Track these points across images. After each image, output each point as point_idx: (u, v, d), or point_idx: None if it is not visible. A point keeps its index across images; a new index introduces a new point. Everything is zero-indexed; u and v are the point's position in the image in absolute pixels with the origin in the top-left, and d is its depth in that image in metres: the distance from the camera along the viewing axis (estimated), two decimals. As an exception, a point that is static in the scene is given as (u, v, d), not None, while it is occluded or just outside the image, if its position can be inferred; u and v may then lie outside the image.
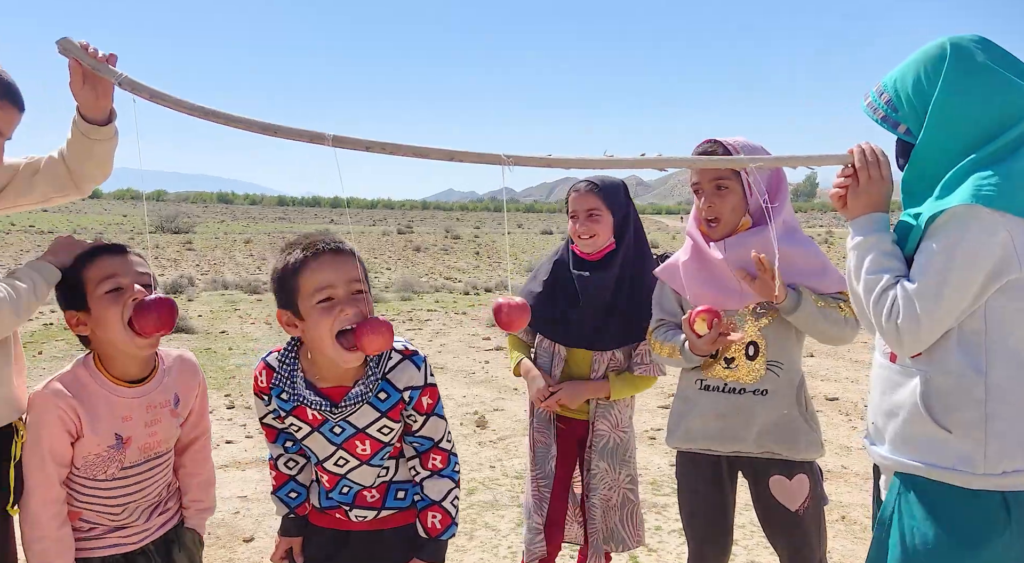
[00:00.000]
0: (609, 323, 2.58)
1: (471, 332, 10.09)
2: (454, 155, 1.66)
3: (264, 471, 4.77)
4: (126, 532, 1.92)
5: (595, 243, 2.62)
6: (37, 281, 1.79)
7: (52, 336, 9.09)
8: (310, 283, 1.74)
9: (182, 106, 1.63)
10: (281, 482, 2.03)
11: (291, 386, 1.85)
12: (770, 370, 2.23)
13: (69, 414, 1.79)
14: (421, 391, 1.87)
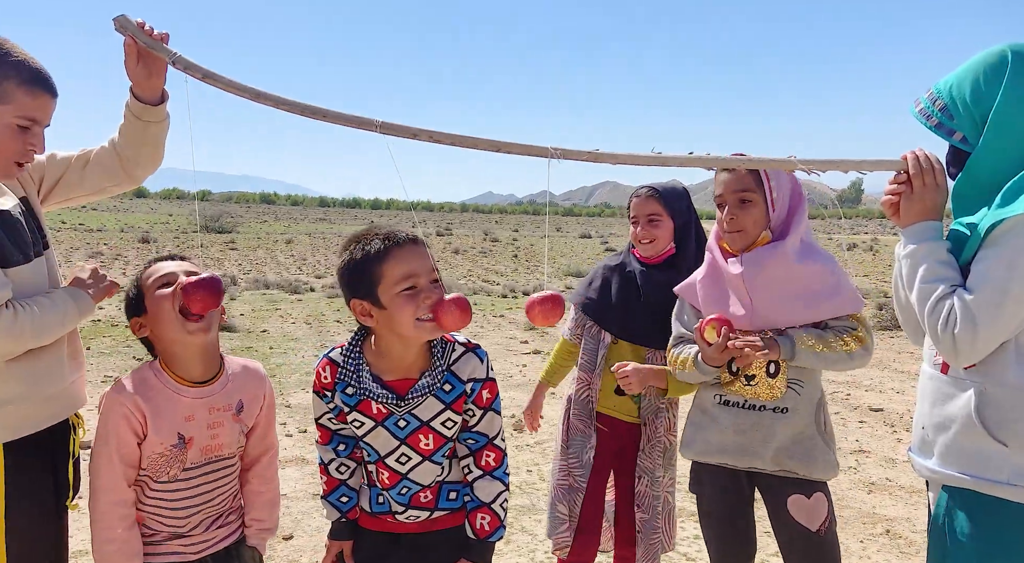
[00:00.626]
0: (668, 321, 2.52)
1: (509, 335, 10.07)
2: (500, 146, 1.64)
3: (303, 469, 4.81)
4: (186, 541, 1.92)
5: (655, 247, 2.65)
6: (68, 308, 1.81)
7: (100, 333, 9.30)
8: (395, 272, 1.77)
9: (233, 87, 1.64)
10: (332, 487, 2.04)
11: (357, 380, 1.87)
12: (790, 388, 2.21)
13: (135, 413, 1.82)
14: (483, 384, 1.90)
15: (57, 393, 1.85)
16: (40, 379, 1.81)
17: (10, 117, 1.70)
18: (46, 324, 1.74)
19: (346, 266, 1.83)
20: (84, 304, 1.87)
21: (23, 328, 1.69)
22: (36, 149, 1.78)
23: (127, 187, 2.07)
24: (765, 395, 2.22)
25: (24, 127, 1.73)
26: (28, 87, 1.71)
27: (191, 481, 1.90)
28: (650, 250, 2.66)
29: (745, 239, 2.24)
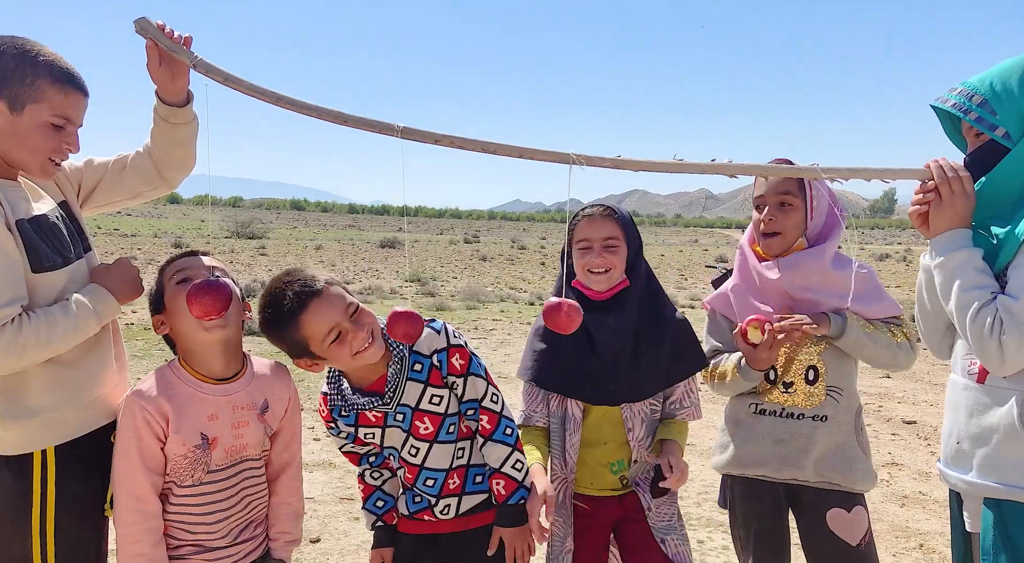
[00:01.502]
0: (639, 369, 2.16)
1: (535, 342, 10.05)
2: (523, 152, 1.65)
3: (330, 473, 4.85)
4: (211, 555, 1.87)
5: (610, 278, 2.16)
6: (82, 314, 1.77)
7: (133, 336, 9.45)
8: (315, 331, 1.82)
9: (255, 91, 1.65)
10: (368, 493, 2.13)
11: (343, 399, 1.97)
12: (830, 395, 2.16)
13: (155, 417, 1.79)
14: (448, 352, 1.95)
15: (102, 397, 1.88)
16: (84, 384, 1.83)
17: (45, 115, 1.73)
18: (55, 334, 1.70)
19: (269, 335, 1.89)
20: (104, 306, 1.81)
21: (26, 343, 1.65)
22: (71, 148, 1.81)
23: (163, 191, 2.09)
24: (804, 403, 2.16)
25: (58, 126, 1.76)
26: (60, 86, 1.73)
27: (217, 484, 1.86)
28: (604, 283, 2.16)
29: (782, 243, 2.18)
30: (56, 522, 1.75)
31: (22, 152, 1.74)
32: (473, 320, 12.14)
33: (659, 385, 2.20)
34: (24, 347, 1.65)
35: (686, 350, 2.20)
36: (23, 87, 1.69)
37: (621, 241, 2.17)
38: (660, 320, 2.21)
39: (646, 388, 2.17)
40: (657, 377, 2.19)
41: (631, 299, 2.18)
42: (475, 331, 10.91)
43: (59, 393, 1.78)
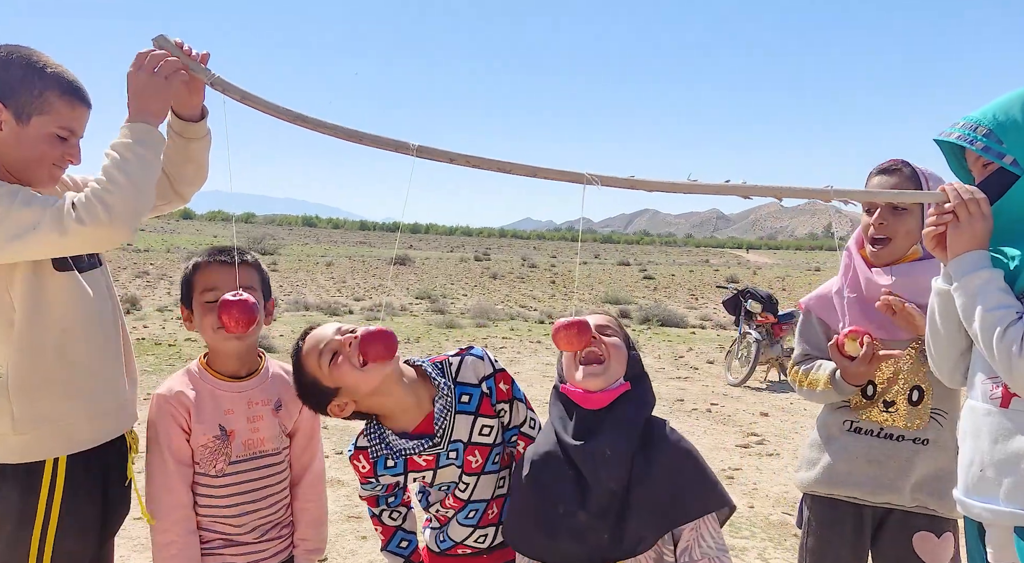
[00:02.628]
0: (629, 514, 1.66)
1: (545, 361, 10.04)
2: (537, 171, 1.65)
3: (338, 490, 4.83)
4: (237, 550, 1.95)
5: (607, 373, 1.72)
6: (136, 151, 1.68)
7: (144, 351, 9.49)
8: (311, 361, 1.77)
9: (271, 109, 1.66)
10: (389, 535, 1.99)
11: (388, 448, 1.85)
12: (934, 418, 2.02)
13: (179, 410, 1.90)
14: (495, 377, 1.90)
15: (114, 408, 1.89)
16: (98, 393, 1.84)
17: (51, 127, 1.74)
18: (129, 174, 1.64)
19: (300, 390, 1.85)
20: (147, 135, 1.72)
21: (102, 208, 1.61)
22: (73, 160, 1.82)
23: (177, 205, 2.10)
24: (906, 424, 2.02)
25: (62, 137, 1.77)
26: (68, 99, 1.75)
27: (239, 476, 1.94)
28: (600, 379, 1.71)
29: (892, 252, 2.03)
30: (55, 545, 1.74)
31: (25, 161, 1.75)
32: (483, 338, 12.13)
33: (658, 531, 1.66)
34: (108, 206, 1.61)
35: (690, 485, 1.67)
36: (31, 98, 1.71)
37: (617, 333, 1.81)
38: (654, 441, 1.70)
39: (640, 540, 1.65)
40: (654, 523, 1.65)
41: (632, 410, 1.72)
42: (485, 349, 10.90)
43: (74, 400, 1.78)
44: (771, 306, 9.38)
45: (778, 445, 6.23)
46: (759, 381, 9.15)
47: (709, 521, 1.67)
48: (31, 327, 1.73)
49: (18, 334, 1.72)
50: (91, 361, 1.83)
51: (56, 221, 1.60)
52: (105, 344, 1.88)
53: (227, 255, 1.98)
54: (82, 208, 1.61)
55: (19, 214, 1.61)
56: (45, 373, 1.74)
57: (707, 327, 15.37)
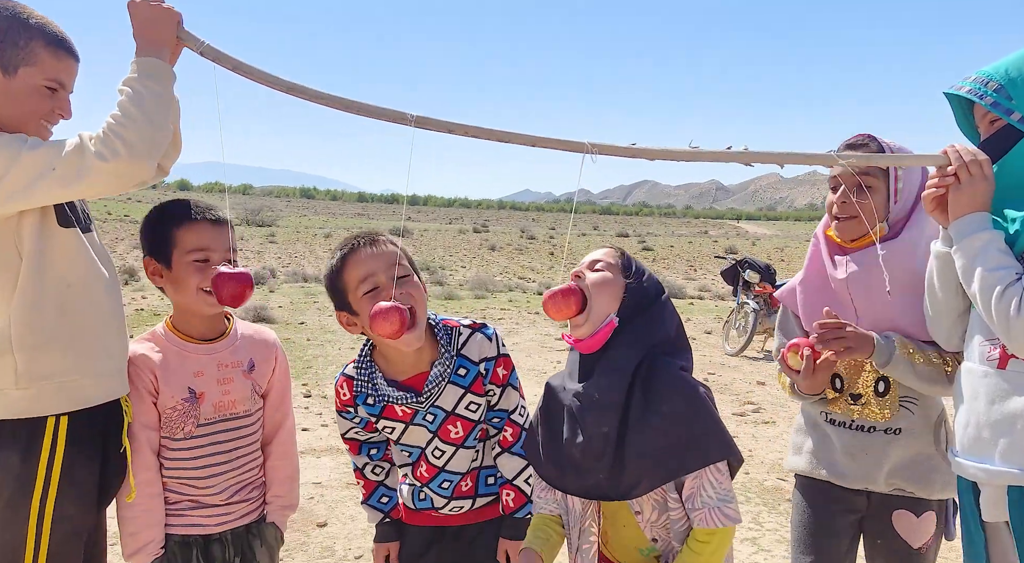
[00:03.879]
0: (625, 458, 1.63)
1: (544, 332, 10.07)
2: (536, 141, 1.63)
3: (337, 458, 4.87)
4: (206, 512, 1.95)
5: (590, 320, 1.67)
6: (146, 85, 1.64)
7: (143, 322, 9.51)
8: (354, 277, 1.81)
9: (265, 79, 1.63)
10: (370, 490, 2.06)
11: (374, 388, 1.90)
12: (904, 407, 1.99)
13: (145, 374, 1.88)
14: (495, 362, 1.91)
15: (112, 370, 1.88)
16: (99, 353, 1.83)
17: (38, 79, 1.71)
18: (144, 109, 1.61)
19: (325, 283, 1.91)
20: (157, 69, 1.67)
21: (121, 143, 1.58)
22: (64, 114, 1.80)
23: (158, 178, 2.01)
24: (875, 416, 2.00)
25: (51, 89, 1.75)
26: (53, 50, 1.72)
27: (208, 437, 1.93)
28: (581, 327, 1.68)
29: (857, 228, 1.97)
30: (56, 510, 1.74)
31: (15, 115, 1.72)
32: (481, 309, 12.16)
33: (654, 480, 1.63)
34: (126, 141, 1.59)
35: (690, 436, 1.62)
36: (16, 50, 1.68)
37: (613, 268, 1.72)
38: (656, 394, 1.64)
39: (635, 485, 1.63)
40: (650, 470, 1.63)
41: (622, 356, 1.66)
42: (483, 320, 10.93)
43: (75, 358, 1.78)
44: (769, 276, 9.39)
45: (774, 413, 6.28)
46: (756, 351, 9.20)
47: (712, 471, 1.62)
48: (36, 281, 1.72)
49: (22, 288, 1.71)
50: (92, 320, 1.83)
51: (75, 160, 1.58)
52: (104, 305, 1.87)
53: (211, 213, 1.95)
54: (100, 144, 1.58)
55: (31, 157, 1.59)
56: (48, 329, 1.74)
57: (705, 298, 15.40)
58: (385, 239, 1.86)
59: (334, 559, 3.54)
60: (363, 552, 3.58)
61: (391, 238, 1.86)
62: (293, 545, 3.64)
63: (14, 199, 1.63)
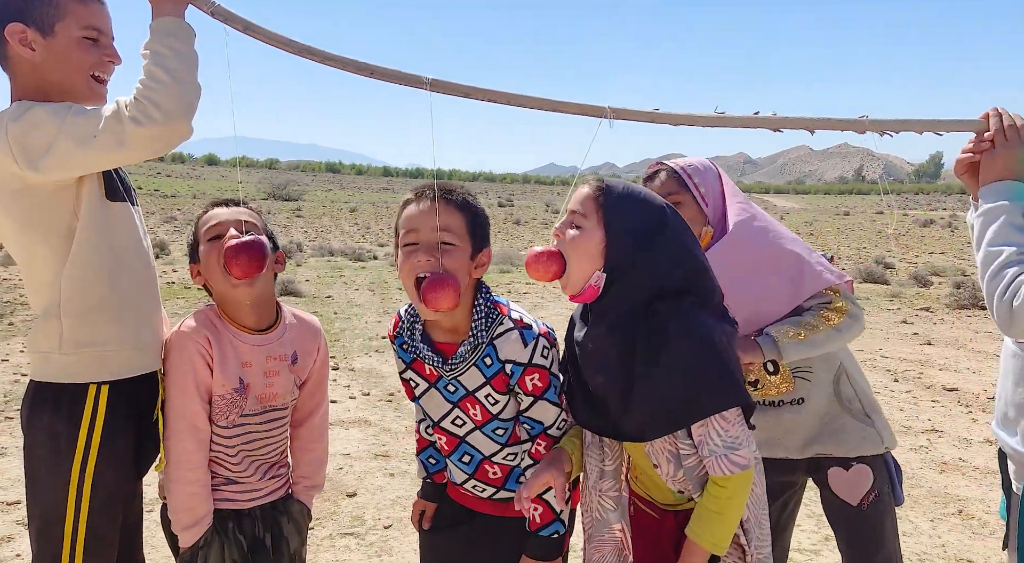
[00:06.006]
0: (632, 405, 1.63)
1: (568, 306, 10.04)
2: (556, 105, 1.61)
3: (366, 430, 4.93)
4: (239, 488, 1.95)
5: (570, 280, 1.66)
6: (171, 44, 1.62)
7: (174, 294, 9.66)
8: (402, 225, 1.75)
9: (277, 41, 1.60)
10: (422, 446, 2.06)
11: (411, 337, 1.85)
12: (798, 378, 2.08)
13: (206, 347, 1.84)
14: (524, 370, 1.75)
15: (152, 342, 1.90)
16: (142, 325, 1.86)
17: (76, 31, 1.73)
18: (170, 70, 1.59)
19: None
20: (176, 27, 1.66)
21: (153, 106, 1.57)
22: (113, 60, 1.80)
23: None
24: (776, 393, 2.10)
25: (92, 39, 1.76)
26: None
27: (247, 428, 1.92)
28: (568, 290, 1.68)
29: None
30: (95, 477, 1.76)
31: (66, 74, 1.74)
32: (507, 283, 12.16)
33: (663, 427, 1.63)
34: (157, 104, 1.58)
35: (695, 384, 1.58)
36: (46, 8, 1.70)
37: (591, 222, 1.63)
38: (659, 341, 1.58)
39: (645, 429, 1.64)
40: (654, 419, 1.62)
41: (610, 307, 1.64)
42: (508, 294, 10.93)
43: (119, 329, 1.80)
44: (798, 250, 9.26)
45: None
46: (784, 325, 9.11)
47: (717, 419, 1.59)
48: (89, 250, 1.75)
49: (75, 256, 1.74)
50: (136, 292, 1.85)
51: (115, 127, 1.59)
52: (147, 279, 1.90)
53: (226, 204, 1.95)
54: (135, 109, 1.58)
55: (75, 126, 1.60)
56: (96, 298, 1.77)
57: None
58: (458, 202, 1.75)
59: (364, 528, 3.58)
60: (392, 521, 3.63)
61: (465, 197, 1.77)
62: (323, 515, 3.69)
63: (63, 168, 1.65)
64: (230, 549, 1.88)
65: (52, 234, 1.73)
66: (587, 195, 1.64)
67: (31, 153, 1.62)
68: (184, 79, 1.61)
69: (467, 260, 1.73)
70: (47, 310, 1.76)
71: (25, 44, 1.72)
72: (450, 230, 1.70)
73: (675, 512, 1.77)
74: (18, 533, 3.34)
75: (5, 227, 1.75)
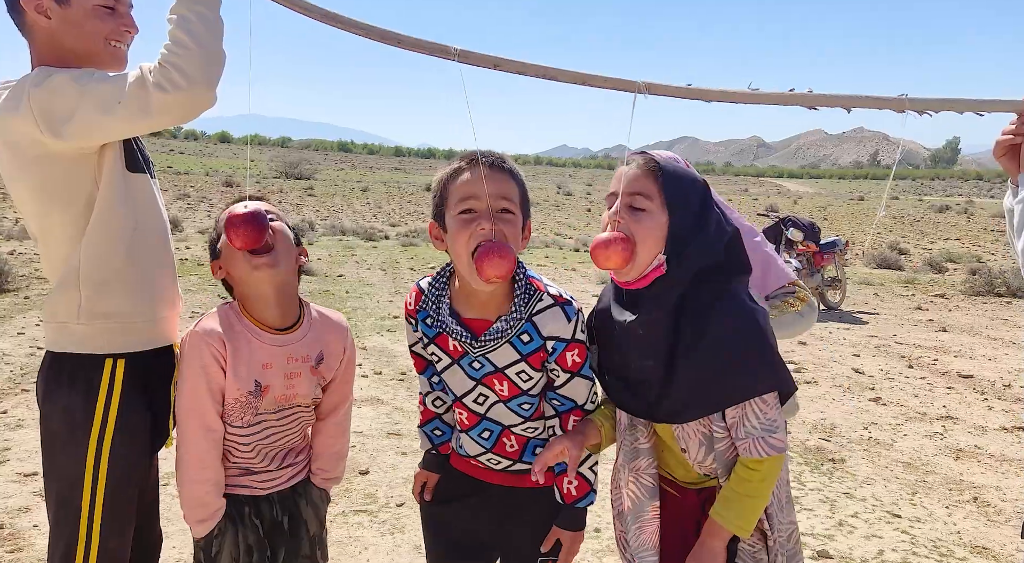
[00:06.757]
0: (672, 387, 1.61)
1: (580, 288, 10.02)
2: (586, 78, 1.57)
3: (378, 409, 4.93)
4: (256, 477, 1.91)
5: (636, 266, 1.60)
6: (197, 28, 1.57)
7: (187, 271, 9.68)
8: (457, 193, 1.67)
9: (299, 6, 1.55)
10: (427, 418, 2.01)
11: (436, 312, 1.79)
12: None
13: (219, 351, 1.78)
14: (567, 346, 1.73)
15: (167, 317, 1.90)
16: (157, 300, 1.85)
17: (89, 1, 1.72)
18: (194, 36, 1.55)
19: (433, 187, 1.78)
20: None
21: (177, 72, 1.54)
22: (129, 29, 1.78)
23: None
24: None
25: (108, 7, 1.74)
26: None
27: (263, 424, 1.88)
28: (630, 277, 1.63)
29: None
30: (112, 449, 1.76)
31: (82, 42, 1.73)
32: (519, 264, 12.13)
33: (698, 411, 1.63)
34: (181, 69, 1.55)
35: (737, 367, 1.57)
36: None
37: (655, 203, 1.59)
38: (703, 322, 1.57)
39: (685, 410, 1.63)
40: (696, 401, 1.61)
41: (665, 290, 1.60)
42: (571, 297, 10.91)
43: (137, 301, 1.80)
44: (813, 235, 9.18)
45: (816, 373, 6.20)
46: (798, 310, 9.06)
47: (755, 402, 1.58)
48: (109, 222, 1.74)
49: (95, 226, 1.73)
50: (154, 265, 1.84)
51: (139, 93, 1.56)
52: (165, 252, 1.89)
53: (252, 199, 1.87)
54: (159, 75, 1.55)
55: (98, 92, 1.58)
56: (114, 270, 1.76)
57: (745, 256, 15.15)
58: (509, 169, 1.70)
59: (376, 506, 3.59)
60: (404, 499, 3.63)
61: (513, 166, 1.71)
62: (336, 492, 3.70)
63: (86, 135, 1.63)
64: (245, 534, 1.86)
65: (72, 203, 1.72)
66: (645, 174, 1.60)
67: (53, 119, 1.60)
68: (209, 45, 1.58)
69: (520, 231, 1.71)
70: (64, 280, 1.75)
71: (40, 12, 1.71)
72: (509, 198, 1.67)
73: (698, 490, 1.76)
74: (35, 504, 3.36)
75: (24, 195, 1.74)
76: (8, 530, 3.15)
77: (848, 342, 7.23)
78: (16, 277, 8.56)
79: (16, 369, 5.41)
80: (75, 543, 1.75)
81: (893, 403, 5.47)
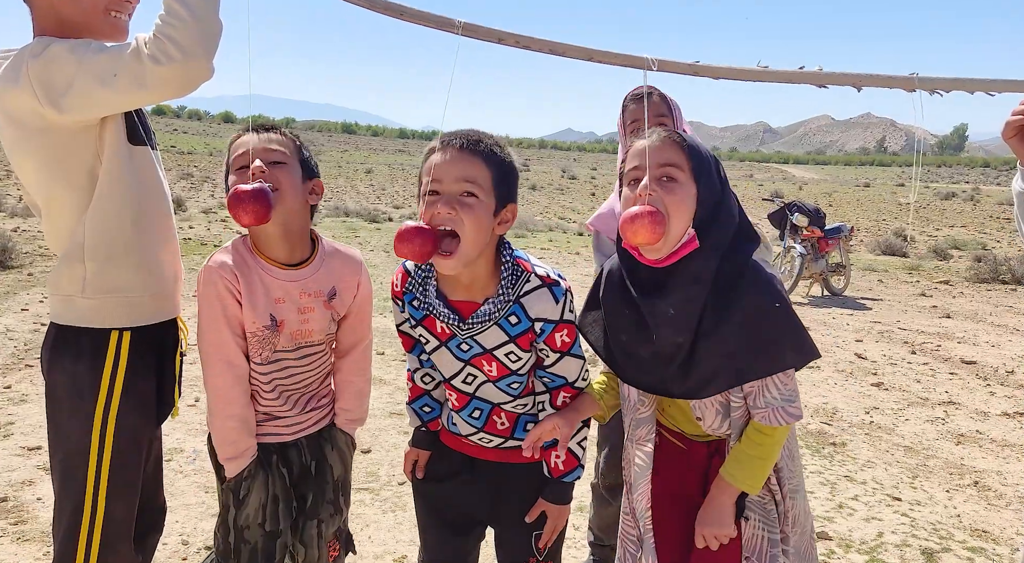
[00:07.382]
0: (695, 365, 1.60)
1: (584, 272, 10.01)
2: (593, 54, 1.55)
3: (380, 388, 4.94)
4: (281, 422, 1.92)
5: (668, 242, 1.54)
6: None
7: (190, 251, 9.69)
8: (424, 175, 1.65)
9: None
10: (416, 395, 2.01)
11: (423, 293, 1.78)
12: None
13: (234, 284, 1.78)
14: (555, 327, 1.71)
15: (172, 291, 1.90)
16: (160, 272, 1.85)
17: None
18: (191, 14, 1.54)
19: None
20: None
21: (171, 44, 1.52)
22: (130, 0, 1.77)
23: None
24: None
25: None
26: None
27: (282, 363, 1.88)
28: (661, 253, 1.56)
29: None
30: (119, 419, 1.77)
31: (83, 11, 1.71)
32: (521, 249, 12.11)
33: (721, 385, 1.61)
34: (176, 41, 1.53)
35: (765, 344, 1.57)
36: None
37: (685, 173, 1.54)
38: (728, 297, 1.55)
39: (708, 385, 1.62)
40: (719, 375, 1.60)
41: (702, 268, 1.55)
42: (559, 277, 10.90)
43: (142, 275, 1.80)
44: (818, 220, 9.15)
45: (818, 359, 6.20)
46: (801, 296, 9.03)
47: (779, 373, 1.60)
48: (113, 195, 1.73)
49: (98, 199, 1.72)
50: (158, 239, 1.84)
51: (134, 66, 1.54)
52: (168, 226, 1.89)
53: (257, 131, 1.85)
54: (154, 47, 1.53)
55: (95, 63, 1.57)
56: (119, 243, 1.76)
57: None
58: (484, 151, 1.62)
59: (378, 484, 3.61)
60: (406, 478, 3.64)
61: (493, 148, 1.64)
62: (337, 469, 3.73)
63: (84, 107, 1.62)
64: (273, 482, 1.87)
65: (75, 176, 1.71)
66: (670, 145, 1.55)
67: (51, 90, 1.59)
68: (204, 16, 1.55)
69: (489, 215, 1.64)
70: (69, 253, 1.75)
71: None
72: (475, 182, 1.60)
73: (706, 442, 1.77)
74: (39, 477, 3.38)
75: (27, 168, 1.73)
76: (12, 503, 3.17)
77: (851, 328, 7.21)
78: (20, 254, 8.58)
79: (20, 345, 5.42)
80: (81, 511, 1.76)
81: (895, 388, 5.47)
